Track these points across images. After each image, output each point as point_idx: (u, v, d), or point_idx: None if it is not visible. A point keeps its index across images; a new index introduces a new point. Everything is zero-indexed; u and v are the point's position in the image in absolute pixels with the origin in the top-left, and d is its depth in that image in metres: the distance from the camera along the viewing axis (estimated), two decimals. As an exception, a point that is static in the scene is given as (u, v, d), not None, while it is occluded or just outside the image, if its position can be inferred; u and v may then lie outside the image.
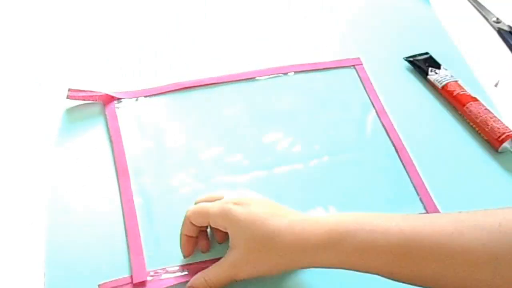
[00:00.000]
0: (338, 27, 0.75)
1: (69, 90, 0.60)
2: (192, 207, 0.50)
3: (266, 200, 0.49)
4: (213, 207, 0.48)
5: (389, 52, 0.72)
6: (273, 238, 0.45)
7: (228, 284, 0.47)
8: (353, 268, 0.44)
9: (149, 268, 0.50)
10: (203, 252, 0.51)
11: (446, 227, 0.41)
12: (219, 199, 0.50)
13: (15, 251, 0.51)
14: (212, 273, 0.47)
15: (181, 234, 0.51)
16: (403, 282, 0.44)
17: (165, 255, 0.51)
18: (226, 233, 0.48)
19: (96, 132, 0.60)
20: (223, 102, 0.64)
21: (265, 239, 0.45)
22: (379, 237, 0.42)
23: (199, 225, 0.50)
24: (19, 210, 0.53)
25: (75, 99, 0.61)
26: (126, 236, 0.52)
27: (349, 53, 0.71)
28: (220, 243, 0.52)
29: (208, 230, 0.53)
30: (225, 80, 0.65)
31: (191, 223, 0.50)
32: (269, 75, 0.67)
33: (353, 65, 0.69)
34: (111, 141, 0.59)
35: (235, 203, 0.48)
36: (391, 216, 0.45)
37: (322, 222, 0.45)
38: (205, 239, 0.52)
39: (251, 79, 0.66)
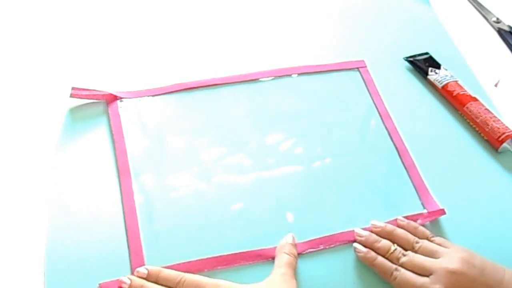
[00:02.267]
0: (338, 28, 0.75)
1: (73, 88, 0.60)
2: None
3: None
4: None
5: (389, 52, 0.72)
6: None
7: None
8: None
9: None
10: None
11: None
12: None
13: (15, 251, 0.51)
14: None
15: None
16: None
17: (165, 255, 0.51)
18: None
19: (99, 131, 0.60)
20: (226, 103, 0.64)
21: None
22: None
23: None
24: (20, 210, 0.53)
25: (79, 97, 0.61)
26: (126, 235, 0.52)
27: (349, 54, 0.71)
28: None
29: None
30: (229, 81, 0.65)
31: None
32: (272, 76, 0.67)
33: (357, 68, 0.69)
34: (113, 140, 0.59)
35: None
36: None
37: None
38: None
39: (255, 80, 0.66)
